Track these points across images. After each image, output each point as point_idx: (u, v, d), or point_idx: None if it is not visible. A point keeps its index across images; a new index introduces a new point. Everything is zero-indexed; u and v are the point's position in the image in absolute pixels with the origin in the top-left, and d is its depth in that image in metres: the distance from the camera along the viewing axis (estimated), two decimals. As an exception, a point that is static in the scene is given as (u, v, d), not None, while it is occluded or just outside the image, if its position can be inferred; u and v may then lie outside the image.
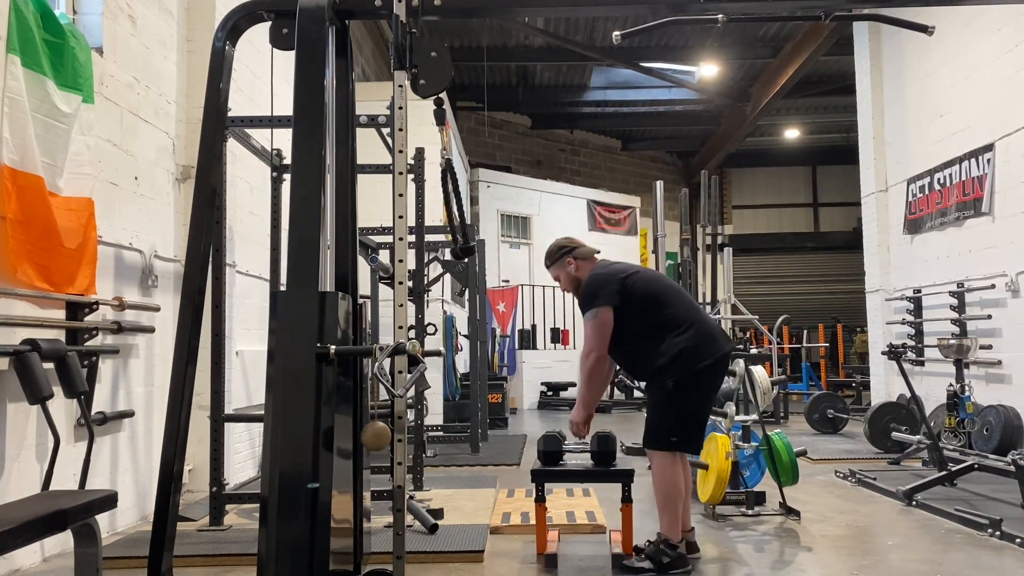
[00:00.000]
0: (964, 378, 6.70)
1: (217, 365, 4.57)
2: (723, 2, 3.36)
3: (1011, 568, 3.72)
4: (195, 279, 2.89)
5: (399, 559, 2.82)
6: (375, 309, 8.21)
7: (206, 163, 2.96)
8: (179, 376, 2.80)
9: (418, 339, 5.66)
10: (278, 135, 5.36)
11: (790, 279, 21.24)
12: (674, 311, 3.83)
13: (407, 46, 2.95)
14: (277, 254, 5.18)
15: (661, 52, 13.71)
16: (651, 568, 3.64)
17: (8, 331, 3.57)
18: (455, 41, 13.30)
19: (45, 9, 3.77)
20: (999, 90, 7.59)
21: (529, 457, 7.02)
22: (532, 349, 14.30)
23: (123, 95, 4.65)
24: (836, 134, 18.65)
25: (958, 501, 5.00)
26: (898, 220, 9.63)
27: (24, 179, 3.58)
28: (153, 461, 4.85)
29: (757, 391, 5.25)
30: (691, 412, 3.80)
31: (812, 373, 12.31)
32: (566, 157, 19.22)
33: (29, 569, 3.76)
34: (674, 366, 3.72)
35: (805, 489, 5.59)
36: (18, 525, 2.47)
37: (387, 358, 2.69)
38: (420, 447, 5.50)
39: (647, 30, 3.94)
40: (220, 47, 2.98)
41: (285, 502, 2.47)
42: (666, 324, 3.80)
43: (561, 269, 4.05)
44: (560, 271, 4.05)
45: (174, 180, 5.28)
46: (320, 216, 2.71)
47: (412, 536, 4.12)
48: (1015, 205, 7.31)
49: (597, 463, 3.96)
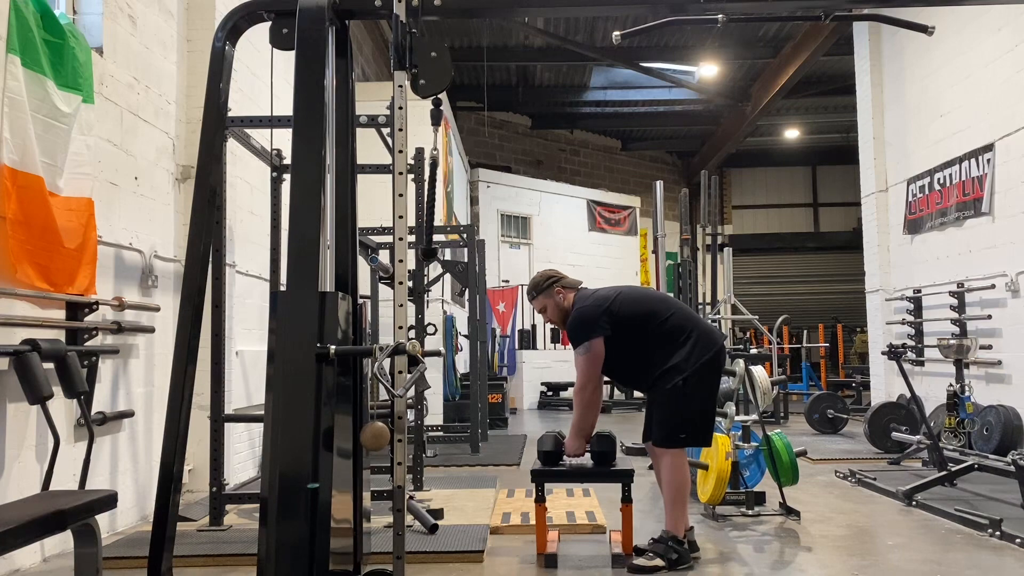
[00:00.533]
0: (964, 378, 6.69)
1: (217, 365, 4.56)
2: (723, 2, 3.36)
3: (1011, 568, 3.72)
4: (195, 279, 2.88)
5: (399, 559, 2.82)
6: (375, 309, 8.21)
7: (206, 163, 2.96)
8: (179, 376, 2.80)
9: (418, 339, 5.67)
10: (278, 135, 5.36)
11: (790, 279, 21.26)
12: (675, 319, 3.95)
13: (407, 46, 2.95)
14: (277, 254, 5.18)
15: (661, 52, 13.71)
16: (663, 566, 3.65)
17: (8, 331, 3.57)
18: (455, 41, 13.30)
19: (45, 9, 3.77)
20: (999, 90, 7.59)
21: (529, 457, 7.02)
22: (532, 349, 14.30)
23: (123, 95, 4.65)
24: (836, 134, 18.65)
25: (958, 501, 5.00)
26: (898, 220, 9.63)
27: (24, 179, 3.58)
28: (153, 461, 4.85)
29: (757, 391, 5.24)
30: (702, 406, 3.89)
31: (812, 373, 12.32)
32: (566, 157, 19.22)
33: (29, 569, 3.76)
34: (686, 363, 3.82)
35: (805, 489, 5.59)
36: (18, 525, 2.47)
37: (387, 358, 2.69)
38: (420, 447, 5.50)
39: (647, 30, 3.94)
40: (220, 47, 2.98)
41: (285, 502, 2.47)
42: (672, 332, 3.91)
43: (549, 299, 4.11)
44: (548, 301, 4.11)
45: (174, 180, 5.28)
46: (320, 216, 2.71)
47: (412, 536, 4.12)
48: (1015, 205, 7.31)
49: (597, 463, 3.97)
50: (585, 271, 15.64)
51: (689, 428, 3.86)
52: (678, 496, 3.81)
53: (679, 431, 3.85)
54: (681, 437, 3.86)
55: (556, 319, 4.14)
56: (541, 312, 4.18)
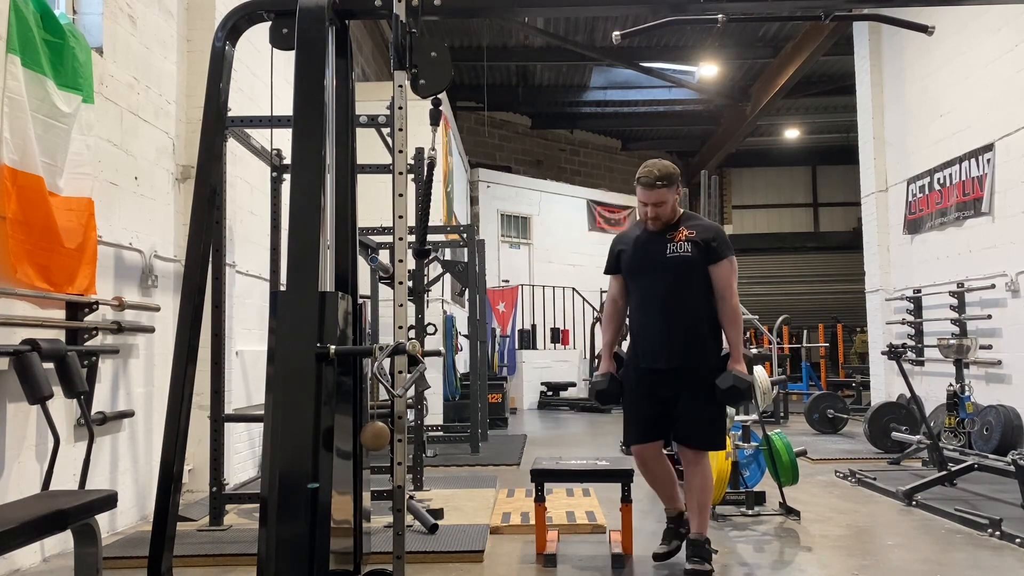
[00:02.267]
0: (964, 378, 6.69)
1: (217, 365, 4.56)
2: (723, 2, 3.35)
3: (1011, 568, 3.72)
4: (195, 279, 2.88)
5: (399, 559, 2.82)
6: (375, 309, 8.21)
7: (206, 163, 2.96)
8: (179, 376, 2.80)
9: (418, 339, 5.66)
10: (278, 135, 5.36)
11: (790, 279, 21.25)
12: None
13: (407, 46, 2.95)
14: (277, 254, 5.18)
15: (661, 52, 13.71)
16: (712, 568, 3.57)
17: (8, 331, 3.57)
18: (455, 41, 13.29)
19: (45, 9, 3.77)
20: (999, 90, 7.59)
21: (529, 457, 7.02)
22: (532, 349, 14.30)
23: (123, 95, 4.65)
24: (836, 134, 18.64)
25: (958, 501, 5.00)
26: (898, 220, 9.63)
27: (24, 179, 3.58)
28: (153, 461, 4.85)
29: (757, 391, 5.24)
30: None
31: (812, 373, 12.31)
32: (566, 157, 19.22)
33: (29, 569, 3.76)
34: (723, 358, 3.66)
35: (805, 489, 5.59)
36: (18, 525, 2.47)
37: (387, 358, 2.69)
38: (420, 447, 5.50)
39: (647, 30, 3.94)
40: (220, 47, 2.98)
41: (285, 502, 2.47)
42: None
43: (673, 194, 3.68)
44: (672, 196, 3.67)
45: (174, 180, 5.28)
46: (320, 216, 2.70)
47: (412, 536, 4.12)
48: (1015, 205, 7.31)
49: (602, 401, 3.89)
50: (585, 271, 15.67)
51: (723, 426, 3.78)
52: (709, 499, 3.74)
53: (723, 431, 3.76)
54: (721, 437, 3.75)
55: (666, 218, 3.70)
56: (657, 204, 3.65)
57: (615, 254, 3.90)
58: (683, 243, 3.65)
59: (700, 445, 3.69)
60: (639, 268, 3.77)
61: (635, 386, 3.77)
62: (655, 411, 3.70)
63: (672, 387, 3.64)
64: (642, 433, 3.76)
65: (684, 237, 3.67)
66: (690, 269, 3.64)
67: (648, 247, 3.73)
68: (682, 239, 3.66)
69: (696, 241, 3.65)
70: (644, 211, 3.72)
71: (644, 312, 3.75)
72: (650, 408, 3.71)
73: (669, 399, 3.65)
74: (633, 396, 3.79)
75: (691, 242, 3.65)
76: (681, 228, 3.71)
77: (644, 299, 3.74)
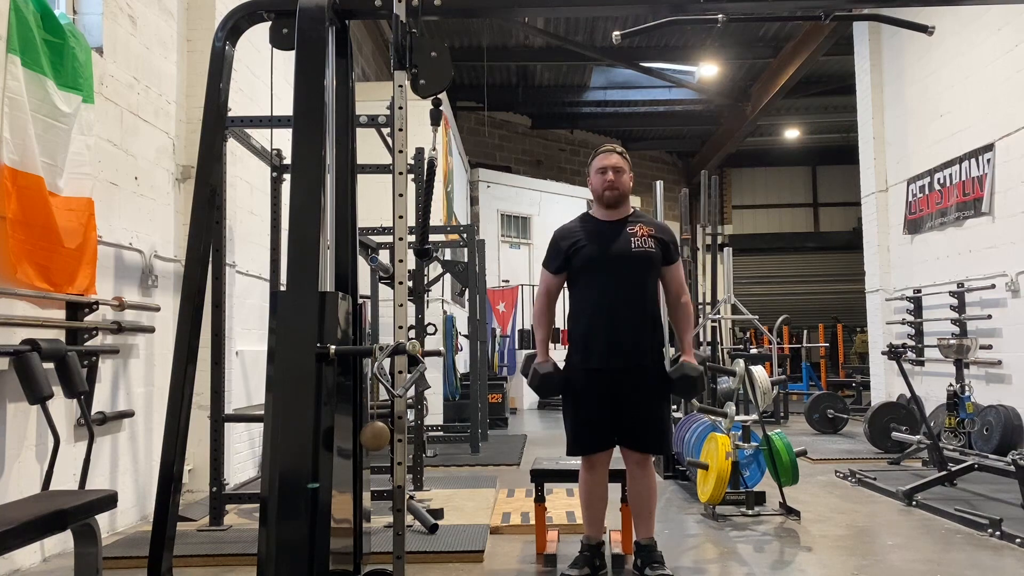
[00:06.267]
0: (964, 378, 6.69)
1: (217, 365, 4.56)
2: (723, 2, 3.36)
3: (1011, 568, 3.72)
4: (195, 279, 2.89)
5: (399, 559, 2.82)
6: (375, 309, 8.21)
7: (206, 163, 2.96)
8: (179, 376, 2.80)
9: (418, 339, 5.67)
10: (278, 135, 5.36)
11: (790, 279, 21.26)
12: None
13: (407, 46, 2.95)
14: (277, 254, 5.18)
15: (661, 52, 13.71)
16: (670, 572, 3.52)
17: (8, 331, 3.57)
18: (455, 41, 13.29)
19: (45, 9, 3.77)
20: (999, 90, 7.59)
21: (529, 457, 7.02)
22: (532, 349, 14.26)
23: (123, 95, 4.65)
24: (836, 134, 18.65)
25: (958, 501, 5.00)
26: (898, 220, 9.63)
27: (24, 179, 3.58)
28: (153, 461, 4.85)
29: (757, 391, 5.25)
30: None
31: (812, 373, 12.32)
32: (566, 157, 19.21)
33: (29, 569, 3.76)
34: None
35: (805, 489, 5.59)
36: (18, 525, 2.47)
37: (387, 358, 2.69)
38: (420, 447, 5.50)
39: (647, 30, 3.94)
40: (220, 47, 2.98)
41: (285, 502, 2.47)
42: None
43: (628, 169, 3.66)
44: (627, 170, 3.66)
45: (174, 180, 5.28)
46: (320, 216, 2.71)
47: (412, 536, 4.12)
48: (1015, 205, 7.31)
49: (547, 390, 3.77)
50: (585, 271, 15.63)
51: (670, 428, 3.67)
52: (655, 504, 3.65)
53: (670, 433, 3.65)
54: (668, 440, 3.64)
55: (623, 188, 3.62)
56: (616, 169, 3.59)
57: (562, 250, 3.64)
58: (647, 239, 3.56)
59: (648, 448, 3.58)
60: (600, 261, 3.56)
61: (584, 389, 3.55)
62: (605, 414, 3.50)
63: (623, 386, 3.48)
64: (597, 439, 3.54)
65: (647, 234, 3.58)
66: (650, 266, 3.57)
67: (611, 240, 3.57)
68: (645, 235, 3.57)
69: (659, 239, 3.59)
70: (603, 179, 3.60)
71: (597, 309, 3.54)
72: (601, 411, 3.51)
73: (619, 400, 3.49)
74: (582, 400, 3.56)
75: (654, 239, 3.58)
76: (640, 224, 3.62)
77: (600, 294, 3.54)
